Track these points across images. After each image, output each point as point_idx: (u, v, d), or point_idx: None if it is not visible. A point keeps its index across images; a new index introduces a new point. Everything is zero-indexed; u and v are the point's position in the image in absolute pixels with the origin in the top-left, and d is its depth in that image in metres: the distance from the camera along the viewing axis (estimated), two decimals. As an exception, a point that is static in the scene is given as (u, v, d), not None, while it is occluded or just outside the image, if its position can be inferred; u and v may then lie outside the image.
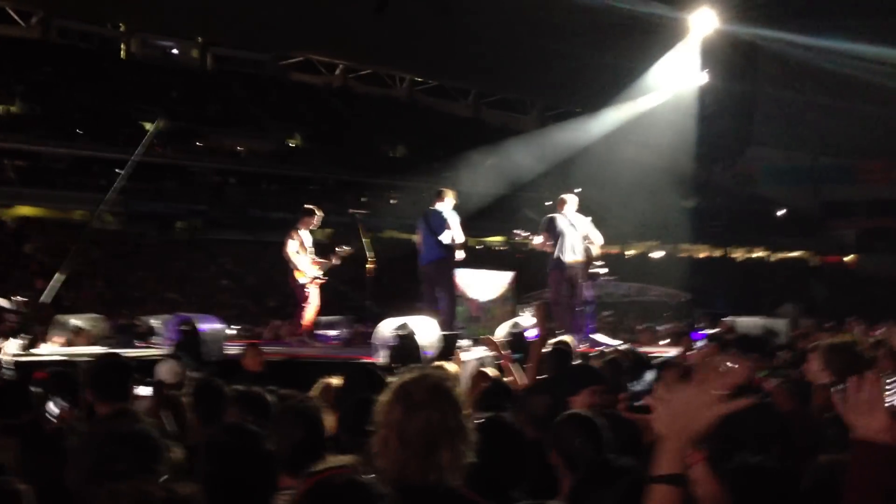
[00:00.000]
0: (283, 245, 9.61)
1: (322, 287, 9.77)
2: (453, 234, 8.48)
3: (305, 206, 9.98)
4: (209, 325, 7.57)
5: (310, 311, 9.67)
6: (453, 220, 8.54)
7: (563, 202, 8.97)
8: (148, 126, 35.27)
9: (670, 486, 1.58)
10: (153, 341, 8.76)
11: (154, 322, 9.35)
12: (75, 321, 9.46)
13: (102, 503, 1.71)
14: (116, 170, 32.45)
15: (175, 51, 41.15)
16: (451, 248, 8.47)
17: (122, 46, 40.20)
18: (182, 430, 3.72)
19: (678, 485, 1.58)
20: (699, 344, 8.79)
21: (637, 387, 5.15)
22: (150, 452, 1.98)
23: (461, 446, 2.13)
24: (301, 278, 9.54)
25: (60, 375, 4.18)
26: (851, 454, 1.77)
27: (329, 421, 2.98)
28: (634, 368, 5.65)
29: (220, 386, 4.03)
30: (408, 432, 2.10)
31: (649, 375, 5.68)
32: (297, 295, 9.67)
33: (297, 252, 9.55)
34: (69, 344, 8.85)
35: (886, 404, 1.74)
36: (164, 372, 5.16)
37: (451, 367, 5.03)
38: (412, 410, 2.12)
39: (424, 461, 2.09)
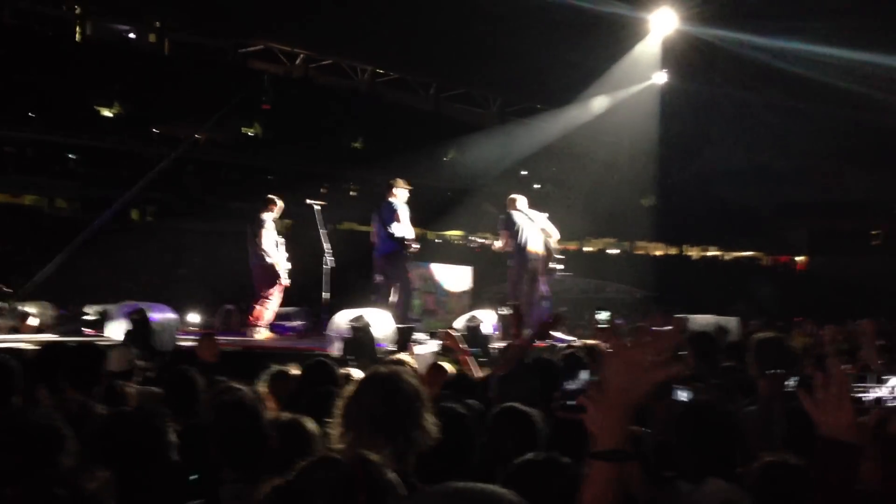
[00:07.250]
0: (255, 237, 9.36)
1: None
2: (403, 227, 8.38)
3: (268, 196, 9.79)
4: (161, 315, 7.42)
5: (272, 305, 9.50)
6: (403, 212, 8.45)
7: (514, 200, 8.96)
8: (105, 112, 34.73)
9: (610, 463, 1.53)
10: (102, 330, 8.56)
11: (103, 310, 9.15)
12: (23, 308, 9.25)
13: None
14: (69, 155, 31.99)
15: (132, 35, 40.41)
16: (402, 241, 8.38)
17: (78, 29, 39.35)
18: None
19: (618, 460, 1.53)
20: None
21: (571, 385, 5.13)
22: (50, 444, 1.87)
23: (423, 430, 2.24)
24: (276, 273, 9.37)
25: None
26: (816, 452, 1.76)
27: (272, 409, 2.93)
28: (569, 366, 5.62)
29: None
30: (379, 416, 2.20)
31: (584, 374, 5.67)
32: (265, 285, 9.46)
33: (277, 248, 9.40)
34: (16, 331, 8.65)
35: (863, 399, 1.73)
36: (113, 360, 5.03)
37: (407, 359, 4.99)
38: (384, 396, 2.24)
39: (393, 443, 2.18)
